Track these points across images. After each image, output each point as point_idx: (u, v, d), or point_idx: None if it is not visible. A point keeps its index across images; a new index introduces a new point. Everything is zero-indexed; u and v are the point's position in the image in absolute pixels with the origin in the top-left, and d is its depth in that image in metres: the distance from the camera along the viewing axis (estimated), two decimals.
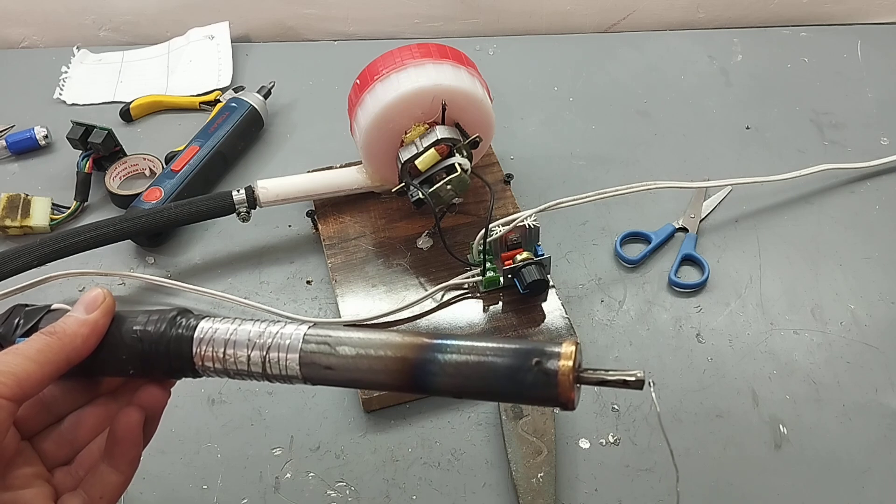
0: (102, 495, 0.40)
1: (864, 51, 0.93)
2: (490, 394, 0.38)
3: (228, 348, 0.39)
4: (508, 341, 0.38)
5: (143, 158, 0.80)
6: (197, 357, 0.40)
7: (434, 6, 0.98)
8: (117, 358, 0.40)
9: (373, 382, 0.39)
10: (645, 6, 0.98)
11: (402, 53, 0.66)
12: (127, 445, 0.41)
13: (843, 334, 0.66)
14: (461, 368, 0.37)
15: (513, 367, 0.37)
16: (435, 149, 0.64)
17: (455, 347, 0.38)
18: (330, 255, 0.70)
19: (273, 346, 0.39)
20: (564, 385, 0.36)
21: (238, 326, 0.40)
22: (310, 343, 0.39)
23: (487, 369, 0.37)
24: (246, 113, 0.82)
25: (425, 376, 0.38)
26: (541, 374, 0.36)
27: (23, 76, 0.95)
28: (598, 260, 0.71)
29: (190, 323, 0.40)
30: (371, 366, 0.38)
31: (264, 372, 0.39)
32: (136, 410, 0.41)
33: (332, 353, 0.38)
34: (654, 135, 0.84)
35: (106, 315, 0.40)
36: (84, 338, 0.39)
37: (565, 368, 0.36)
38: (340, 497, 0.57)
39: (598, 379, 0.36)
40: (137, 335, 0.40)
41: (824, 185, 0.78)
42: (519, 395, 0.37)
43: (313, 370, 0.39)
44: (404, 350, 0.38)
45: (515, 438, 0.57)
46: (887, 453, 0.58)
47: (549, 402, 0.37)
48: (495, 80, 0.76)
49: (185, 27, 0.98)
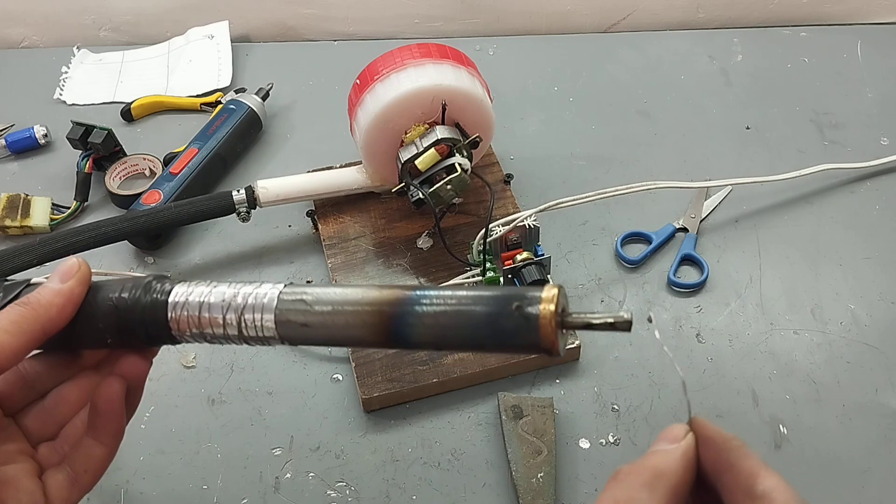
0: (87, 469, 0.40)
1: (864, 51, 0.93)
2: (471, 343, 0.36)
3: (203, 311, 0.38)
4: (489, 289, 0.36)
5: (143, 158, 0.80)
6: (173, 322, 0.39)
7: (434, 6, 0.98)
8: (94, 327, 0.39)
9: (351, 338, 0.38)
10: (645, 6, 0.98)
11: (402, 53, 0.66)
12: (109, 417, 0.40)
13: (843, 334, 0.66)
14: (439, 318, 0.36)
15: (492, 313, 0.35)
16: (435, 149, 0.64)
17: (433, 297, 0.36)
18: (330, 255, 0.70)
19: (248, 306, 0.38)
20: (546, 329, 0.34)
21: (213, 289, 0.39)
22: (285, 301, 0.38)
23: (466, 317, 0.35)
24: (244, 115, 0.82)
25: (403, 328, 0.36)
26: (521, 319, 0.34)
27: (23, 76, 0.95)
28: (598, 260, 0.71)
29: (164, 287, 0.39)
30: (348, 321, 0.37)
31: (241, 334, 0.38)
32: (117, 381, 0.40)
33: (308, 310, 0.37)
34: (654, 135, 0.84)
35: (81, 284, 0.40)
36: (59, 307, 0.38)
37: (546, 312, 0.34)
38: (340, 497, 0.57)
39: (583, 322, 0.35)
40: (113, 303, 0.39)
41: (824, 185, 0.78)
42: (500, 343, 0.36)
43: (290, 329, 0.38)
44: (381, 303, 0.37)
45: (515, 438, 0.57)
46: (887, 453, 0.58)
47: (532, 348, 0.35)
48: (495, 80, 0.76)
49: (185, 27, 0.98)
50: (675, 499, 0.32)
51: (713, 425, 0.33)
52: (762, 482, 0.31)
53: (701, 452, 0.33)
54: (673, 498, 0.32)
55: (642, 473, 0.32)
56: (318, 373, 0.64)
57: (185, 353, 0.66)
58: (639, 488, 0.31)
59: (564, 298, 0.36)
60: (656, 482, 0.32)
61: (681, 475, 0.32)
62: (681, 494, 0.32)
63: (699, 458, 0.33)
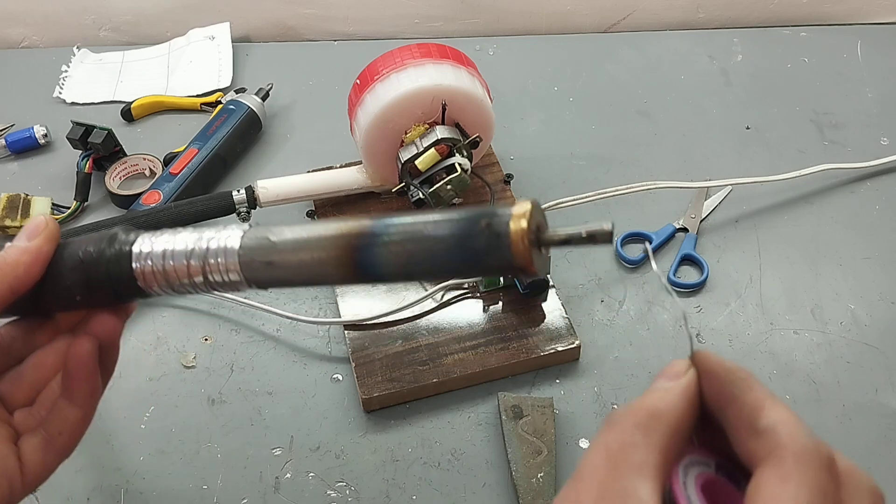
0: (61, 431, 0.39)
1: (864, 51, 0.93)
2: (442, 268, 0.34)
3: (168, 260, 0.37)
4: (458, 211, 0.34)
5: (143, 158, 0.80)
6: (138, 273, 0.38)
7: (434, 6, 0.98)
8: (62, 285, 0.38)
9: (318, 275, 0.36)
10: (645, 6, 0.98)
11: (402, 53, 0.66)
12: (81, 377, 0.39)
13: (843, 334, 0.66)
14: (406, 245, 0.34)
15: (461, 234, 0.33)
16: (435, 149, 0.64)
17: (398, 224, 0.34)
18: None
19: (212, 251, 0.37)
20: (518, 246, 0.32)
21: (176, 235, 0.38)
22: (249, 240, 0.36)
23: (434, 241, 0.34)
24: (244, 115, 0.82)
25: (369, 258, 0.35)
26: (492, 237, 0.33)
27: (23, 76, 0.95)
28: (598, 260, 0.71)
29: (129, 238, 0.38)
30: (313, 256, 0.36)
31: (206, 280, 0.37)
32: (87, 340, 0.39)
33: (273, 247, 0.36)
34: (654, 135, 0.84)
35: (49, 241, 0.39)
36: (26, 265, 0.37)
37: (517, 228, 0.32)
38: (340, 497, 0.57)
39: (560, 238, 0.33)
40: (80, 257, 0.38)
41: (824, 185, 0.78)
42: (472, 265, 0.34)
43: (254, 269, 0.36)
44: (346, 235, 0.35)
45: (515, 438, 0.57)
46: (887, 453, 0.58)
47: (506, 268, 0.33)
48: (495, 80, 0.76)
49: (186, 27, 0.98)
50: (675, 440, 0.29)
51: (717, 357, 0.30)
52: (766, 415, 0.28)
53: (704, 388, 0.30)
54: (672, 439, 0.29)
55: (636, 415, 0.29)
56: (318, 373, 0.64)
57: (185, 353, 0.66)
58: (632, 431, 0.28)
59: (540, 214, 0.34)
60: (652, 423, 0.29)
61: (680, 415, 0.29)
62: (681, 435, 0.30)
63: (703, 394, 0.30)
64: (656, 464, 0.28)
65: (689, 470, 0.30)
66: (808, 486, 0.27)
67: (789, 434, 0.28)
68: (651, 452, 0.28)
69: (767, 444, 0.28)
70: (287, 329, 0.67)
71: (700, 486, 0.29)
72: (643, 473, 0.27)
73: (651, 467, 0.28)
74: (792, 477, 0.27)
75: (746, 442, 0.29)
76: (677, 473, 0.29)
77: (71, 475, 0.58)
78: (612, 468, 0.28)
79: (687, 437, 0.30)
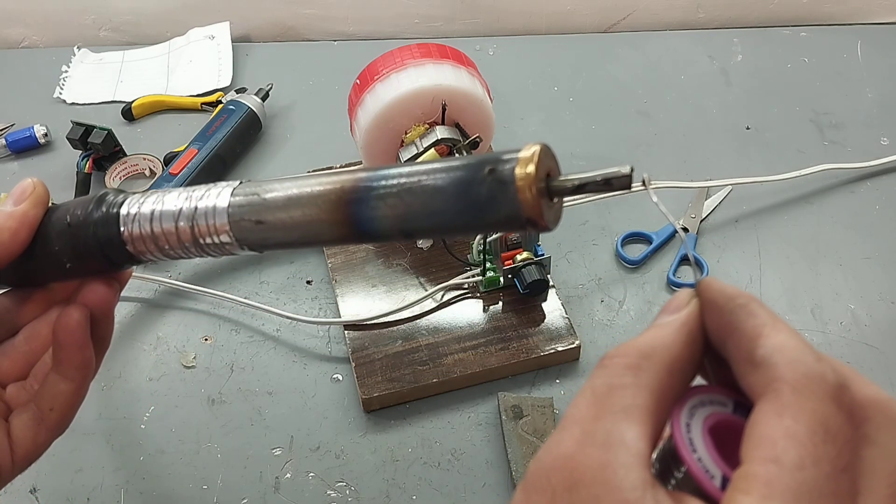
0: (52, 406, 0.38)
1: (864, 51, 0.93)
2: (442, 223, 0.31)
3: (156, 222, 0.35)
4: (459, 158, 0.31)
5: (143, 158, 0.81)
6: (126, 236, 0.35)
7: (434, 6, 0.98)
8: (50, 251, 0.36)
9: (313, 234, 0.34)
10: (645, 6, 0.98)
11: (402, 53, 0.66)
12: (71, 348, 0.37)
13: (843, 334, 0.66)
14: (404, 197, 0.30)
15: (463, 181, 0.30)
16: (435, 149, 0.64)
17: (395, 174, 0.31)
18: (330, 255, 0.70)
19: (200, 211, 0.34)
20: (525, 194, 0.28)
21: (165, 195, 0.36)
22: (239, 198, 0.34)
23: (434, 191, 0.30)
24: (244, 115, 0.82)
25: (365, 213, 0.31)
26: (496, 185, 0.29)
27: (23, 76, 0.95)
28: (598, 260, 0.71)
29: (117, 200, 0.36)
30: (305, 213, 0.33)
31: (196, 242, 0.35)
32: (77, 309, 0.37)
33: (262, 204, 0.33)
34: (654, 135, 0.84)
35: (37, 206, 0.36)
36: (12, 231, 0.36)
37: (524, 174, 0.28)
38: (340, 497, 0.57)
39: (573, 185, 0.29)
40: (67, 221, 0.36)
41: (824, 185, 0.78)
42: (476, 219, 0.30)
43: (245, 229, 0.34)
44: (340, 190, 0.32)
45: (515, 438, 0.57)
46: None
47: (514, 220, 0.29)
48: (495, 80, 0.76)
49: (186, 27, 0.98)
50: (672, 380, 0.26)
51: (720, 284, 0.27)
52: (763, 343, 0.25)
53: (706, 319, 0.27)
54: (667, 379, 0.26)
55: (628, 355, 0.26)
56: (318, 373, 0.64)
57: (185, 353, 0.66)
58: (621, 373, 0.26)
59: (550, 159, 0.30)
60: (644, 364, 0.26)
61: (677, 351, 0.26)
62: (680, 374, 0.27)
63: (707, 327, 0.27)
64: (646, 405, 0.25)
65: (696, 411, 0.27)
66: (806, 420, 0.23)
67: (788, 363, 0.24)
68: (641, 394, 0.25)
69: (765, 377, 0.25)
70: (287, 329, 0.67)
71: (708, 427, 0.26)
72: (631, 416, 0.25)
73: (640, 410, 0.25)
74: (788, 410, 0.23)
75: (747, 376, 0.25)
76: (679, 415, 0.26)
77: (71, 475, 0.58)
78: (597, 412, 0.25)
79: (688, 376, 0.27)
